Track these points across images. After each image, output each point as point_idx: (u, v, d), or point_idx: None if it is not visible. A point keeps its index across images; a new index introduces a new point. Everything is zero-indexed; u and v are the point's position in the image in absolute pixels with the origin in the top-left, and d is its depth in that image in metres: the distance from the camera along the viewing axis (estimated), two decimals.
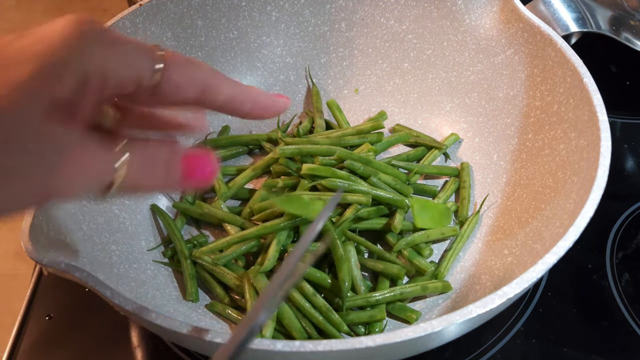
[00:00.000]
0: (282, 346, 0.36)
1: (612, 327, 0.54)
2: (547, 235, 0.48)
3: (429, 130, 0.70)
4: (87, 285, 0.40)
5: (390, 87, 0.72)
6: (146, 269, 0.56)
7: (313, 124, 0.70)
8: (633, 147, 0.70)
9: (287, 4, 0.70)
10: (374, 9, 0.70)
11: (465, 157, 0.67)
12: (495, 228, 0.59)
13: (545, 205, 0.53)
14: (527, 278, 0.39)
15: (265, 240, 0.57)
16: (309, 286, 0.53)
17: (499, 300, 0.38)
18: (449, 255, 0.57)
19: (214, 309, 0.55)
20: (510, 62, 0.62)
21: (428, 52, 0.69)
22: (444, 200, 0.62)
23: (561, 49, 0.55)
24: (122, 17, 0.59)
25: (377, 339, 0.36)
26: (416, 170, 0.64)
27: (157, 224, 0.61)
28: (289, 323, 0.52)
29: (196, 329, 0.37)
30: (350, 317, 0.52)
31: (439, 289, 0.54)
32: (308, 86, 0.73)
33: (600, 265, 0.59)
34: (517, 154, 0.61)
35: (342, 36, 0.72)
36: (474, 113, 0.67)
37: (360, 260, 0.56)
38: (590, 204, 0.43)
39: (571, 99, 0.54)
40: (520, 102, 0.61)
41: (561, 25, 0.71)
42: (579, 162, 0.50)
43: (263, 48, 0.71)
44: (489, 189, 0.63)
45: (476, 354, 0.53)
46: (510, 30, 0.61)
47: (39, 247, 0.41)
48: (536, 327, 0.54)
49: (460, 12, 0.65)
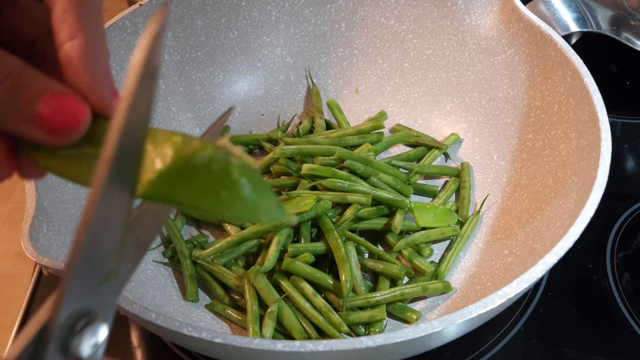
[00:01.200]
0: (282, 346, 0.36)
1: (613, 327, 0.54)
2: (548, 235, 0.48)
3: (429, 130, 0.70)
4: None
5: (391, 87, 0.72)
6: (146, 269, 0.56)
7: (313, 124, 0.70)
8: (633, 147, 0.70)
9: (287, 3, 0.70)
10: (374, 9, 0.70)
11: (466, 157, 0.67)
12: (495, 228, 0.59)
13: (546, 205, 0.53)
14: (528, 278, 0.39)
15: (265, 240, 0.57)
16: (309, 286, 0.53)
17: (499, 300, 0.38)
18: (449, 255, 0.57)
19: (214, 309, 0.55)
20: (510, 62, 0.62)
21: (428, 52, 0.69)
22: (444, 200, 0.62)
23: (561, 48, 0.55)
24: (122, 17, 0.59)
25: (377, 339, 0.36)
26: (416, 170, 0.64)
27: None
28: (289, 323, 0.52)
29: (196, 329, 0.37)
30: (351, 318, 0.52)
31: (440, 289, 0.54)
32: (308, 86, 0.73)
33: (600, 265, 0.59)
34: (517, 154, 0.61)
35: (342, 36, 0.72)
36: (474, 113, 0.67)
37: (360, 260, 0.55)
38: (591, 204, 0.43)
39: (571, 99, 0.54)
40: (521, 102, 0.61)
41: (561, 25, 0.71)
42: (579, 162, 0.50)
43: (263, 48, 0.71)
44: (489, 189, 0.62)
45: (476, 354, 0.52)
46: (510, 30, 0.61)
47: (39, 247, 0.41)
48: (536, 327, 0.54)
49: (460, 12, 0.65)
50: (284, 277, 0.54)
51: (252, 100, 0.72)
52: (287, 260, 0.54)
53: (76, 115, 0.23)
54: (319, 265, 0.56)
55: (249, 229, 0.56)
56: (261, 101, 0.72)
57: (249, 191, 0.22)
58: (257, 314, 0.52)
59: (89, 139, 0.23)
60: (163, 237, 0.60)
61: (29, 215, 0.43)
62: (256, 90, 0.72)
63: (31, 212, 0.43)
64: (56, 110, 0.23)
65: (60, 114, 0.23)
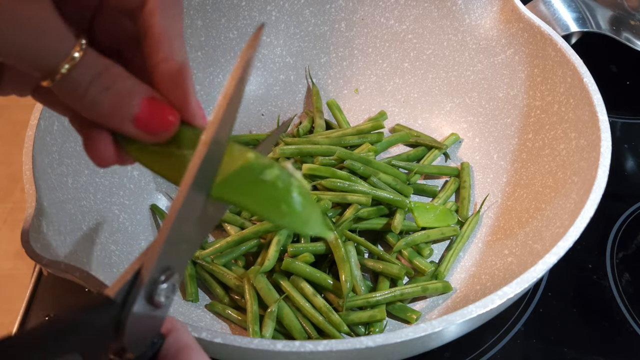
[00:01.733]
0: (282, 346, 0.36)
1: (613, 327, 0.54)
2: (548, 235, 0.48)
3: (429, 130, 0.70)
4: (87, 285, 0.40)
5: (390, 87, 0.72)
6: None
7: (313, 124, 0.70)
8: (633, 147, 0.70)
9: (287, 3, 0.70)
10: (374, 9, 0.70)
11: (466, 157, 0.67)
12: (495, 228, 0.59)
13: (546, 205, 0.53)
14: (527, 278, 0.39)
15: (265, 240, 0.57)
16: (309, 286, 0.53)
17: (499, 300, 0.38)
18: (449, 255, 0.57)
19: (213, 309, 0.55)
20: (510, 62, 0.62)
21: (428, 52, 0.69)
22: (444, 200, 0.62)
23: (561, 48, 0.55)
24: None
25: (377, 339, 0.36)
26: (416, 170, 0.64)
27: (157, 224, 0.61)
28: (289, 323, 0.52)
29: (196, 329, 0.37)
30: (351, 318, 0.52)
31: (440, 289, 0.54)
32: (308, 86, 0.73)
33: (600, 265, 0.59)
34: (517, 154, 0.61)
35: (342, 36, 0.72)
36: (474, 113, 0.67)
37: (360, 260, 0.55)
38: (591, 204, 0.43)
39: (571, 99, 0.54)
40: (521, 102, 0.61)
41: (561, 25, 0.71)
42: (579, 162, 0.50)
43: (263, 48, 0.71)
44: (489, 189, 0.62)
45: (476, 354, 0.52)
46: (510, 30, 0.61)
47: (39, 247, 0.41)
48: (536, 327, 0.54)
49: (460, 12, 0.65)
50: (284, 277, 0.54)
51: (252, 100, 0.72)
52: (287, 260, 0.54)
53: (168, 119, 0.28)
54: (319, 265, 0.56)
55: (249, 229, 0.56)
56: (261, 101, 0.72)
57: (302, 208, 0.27)
58: (257, 314, 0.52)
59: (175, 140, 0.28)
60: None
61: (29, 215, 0.43)
62: (256, 90, 0.72)
63: (31, 212, 0.43)
64: (152, 113, 0.27)
65: (155, 116, 0.28)
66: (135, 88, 0.28)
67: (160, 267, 0.25)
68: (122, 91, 0.27)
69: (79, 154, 0.53)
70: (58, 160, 0.50)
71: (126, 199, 0.59)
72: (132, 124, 0.27)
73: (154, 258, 0.25)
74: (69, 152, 0.52)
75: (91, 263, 0.48)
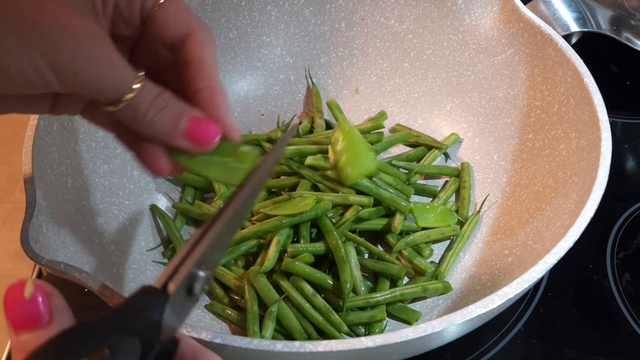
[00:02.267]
0: (282, 347, 0.36)
1: (613, 327, 0.54)
2: (548, 235, 0.48)
3: (429, 130, 0.70)
4: (87, 285, 0.40)
5: (391, 87, 0.72)
6: (146, 269, 0.56)
7: (313, 124, 0.70)
8: (633, 147, 0.70)
9: (287, 3, 0.70)
10: (374, 9, 0.70)
11: (466, 157, 0.67)
12: (495, 228, 0.59)
13: (546, 205, 0.53)
14: (528, 278, 0.39)
15: (264, 240, 0.57)
16: (309, 287, 0.53)
17: (499, 300, 0.38)
18: (449, 255, 0.57)
19: (213, 309, 0.55)
20: (510, 61, 0.62)
21: (428, 52, 0.69)
22: (444, 201, 0.62)
23: (562, 48, 0.55)
24: None
25: (377, 340, 0.36)
26: (416, 170, 0.64)
27: (157, 224, 0.61)
28: (289, 323, 0.52)
29: (196, 329, 0.37)
30: (351, 318, 0.52)
31: (440, 289, 0.54)
32: (308, 86, 0.73)
33: (600, 266, 0.59)
34: (517, 154, 0.61)
35: (342, 36, 0.71)
36: (474, 113, 0.67)
37: (360, 260, 0.55)
38: (591, 204, 0.43)
39: (572, 99, 0.54)
40: (521, 102, 0.61)
41: (562, 25, 0.71)
42: (579, 162, 0.50)
43: (263, 48, 0.71)
44: (489, 189, 0.62)
45: (476, 354, 0.52)
46: (510, 30, 0.61)
47: (39, 248, 0.41)
48: (537, 328, 0.54)
49: (460, 12, 0.65)
50: (284, 278, 0.54)
51: (251, 100, 0.72)
52: (286, 261, 0.53)
53: (211, 133, 0.34)
54: (318, 265, 0.56)
55: (249, 229, 0.56)
56: (261, 101, 0.72)
57: None
58: (257, 314, 0.52)
59: (217, 150, 0.35)
60: (162, 238, 0.60)
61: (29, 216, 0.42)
62: (256, 90, 0.72)
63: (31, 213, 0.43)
64: (198, 128, 0.33)
65: (201, 131, 0.33)
66: (183, 108, 0.33)
67: (197, 264, 0.28)
68: (173, 112, 0.33)
69: (79, 154, 0.53)
70: (58, 161, 0.50)
71: (126, 199, 0.59)
72: (183, 138, 0.33)
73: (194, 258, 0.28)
74: (68, 152, 0.52)
75: (91, 263, 0.48)
